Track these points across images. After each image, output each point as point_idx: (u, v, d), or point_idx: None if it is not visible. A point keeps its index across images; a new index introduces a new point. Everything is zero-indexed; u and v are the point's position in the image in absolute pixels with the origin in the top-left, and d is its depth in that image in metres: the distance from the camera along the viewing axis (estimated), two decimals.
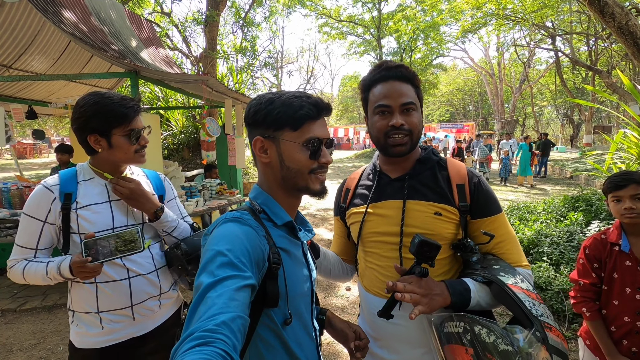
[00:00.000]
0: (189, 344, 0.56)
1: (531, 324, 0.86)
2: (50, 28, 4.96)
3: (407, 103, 1.05)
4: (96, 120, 1.24)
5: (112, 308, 1.28)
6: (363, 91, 1.14)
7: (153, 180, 1.51)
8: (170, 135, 10.83)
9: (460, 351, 0.86)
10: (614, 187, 1.53)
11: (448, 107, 44.64)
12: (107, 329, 1.28)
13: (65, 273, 1.20)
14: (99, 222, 1.26)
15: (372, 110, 1.09)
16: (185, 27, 11.93)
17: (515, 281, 0.94)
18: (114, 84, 7.24)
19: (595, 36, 14.92)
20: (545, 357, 0.82)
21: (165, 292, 1.39)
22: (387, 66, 1.09)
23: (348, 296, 3.90)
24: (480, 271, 0.99)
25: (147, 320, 1.35)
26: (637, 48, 4.47)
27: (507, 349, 0.81)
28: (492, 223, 1.06)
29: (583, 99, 19.66)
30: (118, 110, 1.25)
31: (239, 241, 0.76)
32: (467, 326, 0.87)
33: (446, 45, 26.75)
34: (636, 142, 4.61)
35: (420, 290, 0.91)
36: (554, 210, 4.75)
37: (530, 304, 0.89)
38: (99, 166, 1.33)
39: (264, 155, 0.88)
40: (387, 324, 1.08)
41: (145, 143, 1.33)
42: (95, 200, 1.28)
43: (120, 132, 1.27)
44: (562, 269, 3.36)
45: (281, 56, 28.44)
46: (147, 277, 1.33)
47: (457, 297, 0.95)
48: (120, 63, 4.16)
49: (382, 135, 1.07)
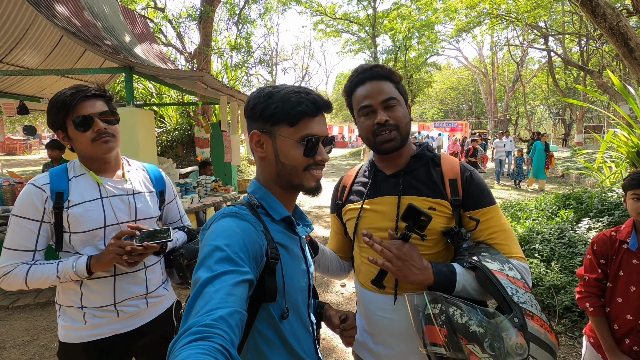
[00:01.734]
0: (186, 338, 0.56)
1: (510, 310, 0.86)
2: (43, 22, 4.89)
3: (387, 99, 1.07)
4: (51, 114, 1.21)
5: (94, 305, 1.25)
6: (347, 97, 1.18)
7: (152, 174, 1.45)
8: (164, 132, 10.74)
9: (434, 331, 0.87)
10: (636, 184, 1.47)
11: (442, 106, 44.87)
12: (90, 323, 1.25)
13: (81, 271, 1.18)
14: (90, 220, 1.22)
15: (357, 113, 1.13)
16: (179, 22, 11.82)
17: (501, 268, 0.94)
18: (107, 80, 7.16)
19: (587, 37, 15.11)
20: (520, 342, 0.82)
21: (152, 291, 1.35)
22: (363, 69, 1.12)
23: (343, 292, 3.93)
24: (468, 257, 0.99)
25: (132, 318, 1.31)
26: (627, 48, 4.54)
27: (477, 330, 0.83)
28: (485, 214, 1.06)
29: (574, 98, 19.91)
30: (62, 99, 1.20)
31: (237, 236, 0.76)
32: (443, 307, 0.88)
33: (440, 44, 26.85)
34: (625, 142, 4.70)
35: (396, 251, 0.93)
36: (545, 208, 4.82)
37: (512, 290, 0.89)
38: (85, 163, 1.28)
39: (260, 150, 0.88)
40: (383, 319, 1.09)
41: (100, 129, 1.22)
42: (87, 198, 1.23)
43: (69, 122, 1.21)
44: (552, 265, 3.42)
45: (276, 53, 28.33)
46: (134, 275, 1.30)
47: (440, 277, 0.95)
48: (114, 58, 4.12)
49: (370, 135, 1.10)
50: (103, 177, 1.29)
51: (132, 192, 1.33)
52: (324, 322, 1.06)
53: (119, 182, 1.31)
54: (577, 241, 3.62)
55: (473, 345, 0.82)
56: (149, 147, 4.42)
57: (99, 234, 1.24)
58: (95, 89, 1.25)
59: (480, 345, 0.82)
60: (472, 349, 0.82)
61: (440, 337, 0.86)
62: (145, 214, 1.35)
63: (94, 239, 1.24)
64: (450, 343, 0.84)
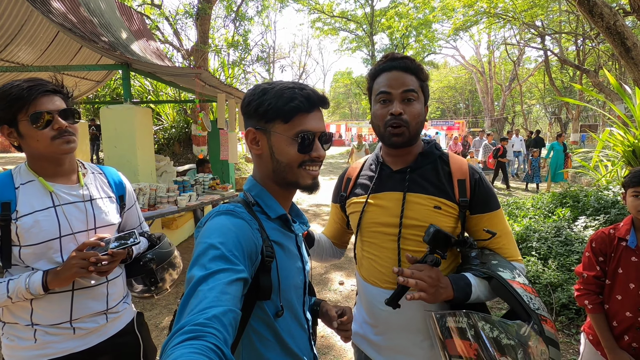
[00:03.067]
0: (179, 337, 0.56)
1: (528, 317, 0.91)
2: (38, 18, 4.84)
3: (407, 90, 1.05)
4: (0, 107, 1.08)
5: (47, 323, 1.13)
6: (369, 81, 1.16)
7: (111, 178, 1.34)
8: (160, 129, 10.69)
9: (464, 345, 0.90)
10: (637, 182, 1.47)
11: (439, 105, 44.93)
12: (42, 341, 1.13)
13: (36, 289, 1.07)
14: (43, 231, 1.10)
15: (375, 99, 1.11)
16: (176, 19, 11.74)
17: (513, 276, 0.98)
18: (104, 77, 7.11)
19: (583, 36, 15.17)
20: (542, 348, 0.86)
21: (113, 306, 1.26)
22: (393, 57, 1.10)
23: (341, 290, 3.93)
24: (480, 266, 1.02)
25: (89, 334, 1.20)
26: (624, 48, 4.57)
27: (510, 343, 0.86)
28: (490, 219, 1.09)
29: (571, 97, 20.03)
30: (15, 91, 1.07)
31: (232, 234, 0.75)
32: (471, 322, 0.90)
33: (438, 43, 26.89)
34: (622, 141, 4.73)
35: (429, 279, 0.93)
36: (542, 207, 4.85)
37: (527, 298, 0.94)
38: (33, 167, 1.15)
39: (256, 147, 0.88)
40: (385, 312, 1.10)
41: (61, 127, 1.11)
42: (37, 207, 1.11)
43: (24, 117, 1.08)
44: (549, 263, 3.45)
45: (273, 51, 28.21)
46: (94, 290, 1.20)
47: (459, 292, 0.98)
48: (111, 55, 4.09)
49: (382, 124, 1.09)
50: (55, 183, 1.17)
51: (89, 199, 1.22)
52: (321, 318, 1.07)
53: (74, 188, 1.20)
54: (574, 239, 3.64)
55: (505, 358, 0.86)
56: (147, 145, 4.40)
57: (53, 245, 1.13)
58: (55, 85, 1.16)
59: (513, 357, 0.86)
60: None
61: (471, 350, 0.88)
62: (104, 222, 1.24)
63: (48, 251, 1.12)
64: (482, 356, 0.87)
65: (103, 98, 11.18)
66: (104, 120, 4.13)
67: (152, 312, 3.38)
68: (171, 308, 3.46)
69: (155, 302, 3.54)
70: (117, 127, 4.09)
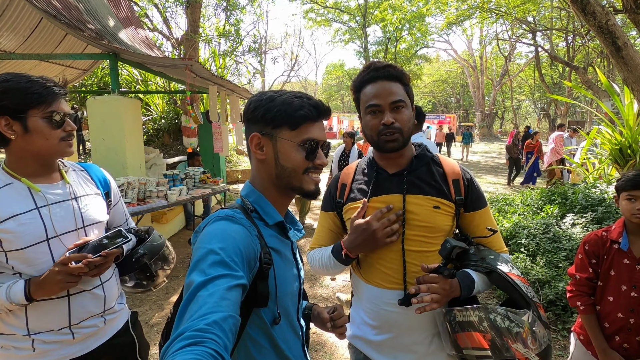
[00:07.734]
0: (179, 343, 0.55)
1: (527, 305, 1.01)
2: (20, 3, 4.64)
3: (396, 101, 1.10)
4: (7, 97, 1.02)
5: (45, 329, 1.11)
6: (354, 92, 1.20)
7: (94, 175, 1.31)
8: (149, 120, 10.47)
9: (478, 337, 0.98)
10: (631, 186, 1.47)
11: (430, 99, 45.15)
12: (41, 350, 1.11)
13: (19, 299, 1.03)
14: (28, 234, 1.06)
15: (364, 110, 1.15)
16: (165, 7, 11.46)
17: (509, 269, 1.09)
18: (90, 65, 6.90)
19: (573, 33, 15.34)
20: (543, 332, 0.97)
21: (110, 307, 1.25)
22: (376, 67, 1.14)
23: (333, 286, 3.95)
24: (480, 262, 1.11)
25: (89, 338, 1.20)
26: (615, 47, 4.61)
27: (519, 331, 0.95)
28: (481, 216, 1.17)
29: (559, 94, 20.30)
30: (36, 87, 1.05)
31: (232, 240, 0.76)
32: (482, 315, 0.99)
33: (431, 37, 26.92)
34: (609, 139, 4.81)
35: (443, 291, 1.00)
36: (531, 203, 4.92)
37: (524, 288, 1.04)
38: (15, 167, 1.10)
39: (260, 152, 0.88)
40: (392, 313, 1.13)
41: (71, 130, 1.13)
42: (18, 210, 1.06)
43: (38, 113, 1.06)
44: (537, 259, 3.51)
45: (265, 41, 27.85)
46: (91, 293, 1.19)
47: (465, 290, 1.06)
48: (97, 44, 3.96)
49: (375, 134, 1.13)
50: (37, 184, 1.13)
51: (75, 196, 1.19)
52: (313, 322, 1.08)
53: (57, 187, 1.16)
54: (562, 236, 3.71)
55: (517, 344, 0.95)
56: (135, 137, 4.30)
57: (41, 248, 1.09)
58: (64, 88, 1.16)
59: (523, 343, 0.95)
60: (516, 347, 0.95)
61: (484, 341, 0.97)
62: (92, 219, 1.21)
63: (36, 254, 1.09)
64: (496, 345, 0.96)
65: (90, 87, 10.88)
66: (91, 111, 4.01)
67: (142, 308, 3.34)
68: (161, 304, 3.42)
69: (145, 298, 3.50)
70: (105, 119, 3.98)
